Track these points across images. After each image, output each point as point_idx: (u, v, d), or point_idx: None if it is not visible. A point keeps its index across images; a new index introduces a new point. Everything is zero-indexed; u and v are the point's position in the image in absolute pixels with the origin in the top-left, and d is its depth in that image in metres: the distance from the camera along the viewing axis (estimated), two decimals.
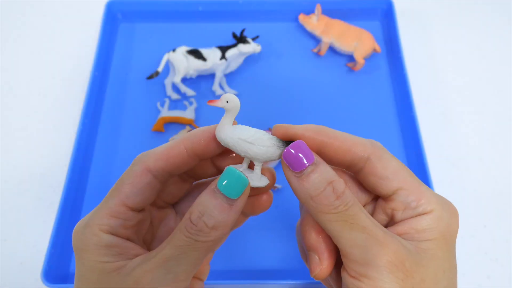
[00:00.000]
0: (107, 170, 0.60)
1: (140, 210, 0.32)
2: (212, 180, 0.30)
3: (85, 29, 0.75)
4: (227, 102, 0.29)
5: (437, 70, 0.70)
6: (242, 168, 0.30)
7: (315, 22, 0.69)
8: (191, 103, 0.65)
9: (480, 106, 0.67)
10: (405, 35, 0.72)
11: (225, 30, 0.71)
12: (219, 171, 0.34)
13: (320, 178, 0.28)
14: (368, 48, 0.67)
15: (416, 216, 0.29)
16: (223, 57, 0.65)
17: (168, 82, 0.66)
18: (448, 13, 0.77)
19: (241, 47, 0.65)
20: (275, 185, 0.57)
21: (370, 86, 0.67)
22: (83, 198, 0.58)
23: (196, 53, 0.64)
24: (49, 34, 0.75)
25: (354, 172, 0.32)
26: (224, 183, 0.28)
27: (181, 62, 0.64)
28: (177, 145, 0.31)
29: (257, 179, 0.29)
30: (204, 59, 0.64)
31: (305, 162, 0.28)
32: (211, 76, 0.67)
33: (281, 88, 0.67)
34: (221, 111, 0.29)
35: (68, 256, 0.54)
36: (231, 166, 0.29)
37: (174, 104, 0.66)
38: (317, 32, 0.69)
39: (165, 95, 0.66)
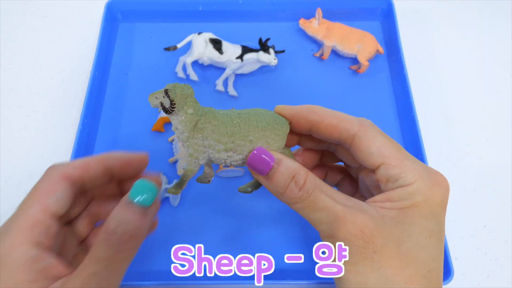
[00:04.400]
0: None
1: (59, 218, 0.31)
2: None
3: (85, 29, 0.75)
4: None
5: (437, 70, 0.70)
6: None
7: (316, 27, 0.69)
8: None
9: (480, 106, 0.67)
10: (405, 35, 0.72)
11: (225, 30, 0.71)
12: (122, 193, 0.37)
13: (283, 176, 0.32)
14: (371, 50, 0.67)
15: (396, 188, 0.32)
16: (240, 57, 0.65)
17: (182, 59, 0.67)
18: (448, 13, 0.77)
19: (261, 54, 0.65)
20: None
21: (370, 87, 0.67)
22: None
23: (217, 44, 0.65)
24: (49, 34, 0.75)
25: (346, 147, 0.36)
26: (136, 194, 0.30)
27: (199, 46, 0.65)
28: (95, 159, 0.34)
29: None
30: (221, 52, 0.65)
31: (266, 167, 0.32)
32: (223, 70, 0.67)
33: (284, 90, 0.67)
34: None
35: None
36: (141, 179, 0.31)
37: None
38: (318, 36, 0.69)
39: None
